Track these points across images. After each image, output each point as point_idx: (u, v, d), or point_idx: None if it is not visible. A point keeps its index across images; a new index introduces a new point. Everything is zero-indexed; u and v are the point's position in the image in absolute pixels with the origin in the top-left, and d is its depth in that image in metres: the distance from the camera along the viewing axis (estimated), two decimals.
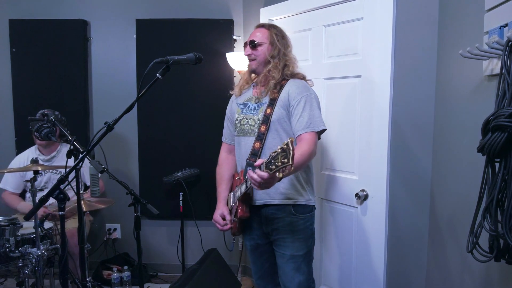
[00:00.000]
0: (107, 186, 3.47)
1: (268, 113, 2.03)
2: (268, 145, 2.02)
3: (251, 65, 2.14)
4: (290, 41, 2.19)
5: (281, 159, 1.52)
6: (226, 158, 2.35)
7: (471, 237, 1.49)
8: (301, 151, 1.86)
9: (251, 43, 2.10)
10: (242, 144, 2.13)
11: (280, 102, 2.03)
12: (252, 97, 2.16)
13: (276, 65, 2.07)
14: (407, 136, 2.39)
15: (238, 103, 2.21)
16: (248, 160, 2.05)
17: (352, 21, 2.45)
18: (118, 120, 1.72)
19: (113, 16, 3.61)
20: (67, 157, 1.92)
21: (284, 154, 1.51)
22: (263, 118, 2.04)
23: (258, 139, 2.03)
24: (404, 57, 2.33)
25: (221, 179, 2.29)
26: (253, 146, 2.04)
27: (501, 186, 1.34)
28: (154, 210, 2.15)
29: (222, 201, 2.22)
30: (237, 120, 2.17)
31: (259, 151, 2.02)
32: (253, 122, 2.09)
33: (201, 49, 2.19)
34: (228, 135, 2.34)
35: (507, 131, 1.27)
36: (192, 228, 3.58)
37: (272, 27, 2.16)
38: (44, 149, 3.17)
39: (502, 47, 1.39)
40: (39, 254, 2.37)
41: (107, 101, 3.64)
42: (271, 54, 2.08)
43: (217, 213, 2.18)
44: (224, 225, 2.14)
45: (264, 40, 2.10)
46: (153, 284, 3.52)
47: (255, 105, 2.12)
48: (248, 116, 2.12)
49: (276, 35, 2.11)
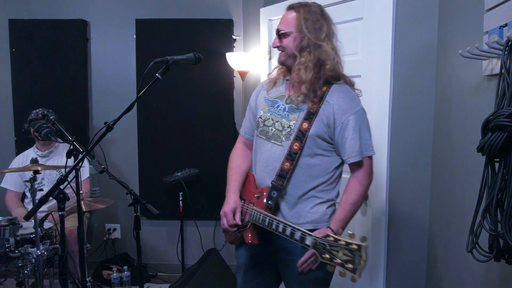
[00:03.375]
0: (107, 186, 3.46)
1: (304, 128, 1.64)
2: (299, 169, 1.67)
3: (279, 57, 1.74)
4: (329, 25, 1.68)
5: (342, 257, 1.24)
6: (244, 150, 1.94)
7: (470, 236, 1.49)
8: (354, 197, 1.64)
9: (277, 32, 1.71)
10: (263, 148, 1.77)
11: (321, 116, 1.64)
12: (284, 94, 1.76)
13: (305, 62, 1.63)
14: (407, 136, 2.39)
15: (267, 98, 1.81)
16: (274, 182, 1.67)
17: (352, 21, 2.45)
18: (118, 120, 1.72)
19: (113, 16, 3.60)
20: (67, 157, 1.91)
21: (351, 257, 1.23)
22: (297, 133, 1.65)
23: (289, 158, 1.65)
24: (404, 57, 2.33)
25: (237, 168, 1.87)
26: (282, 164, 1.67)
27: (501, 185, 1.34)
28: (153, 210, 2.14)
29: (236, 192, 1.79)
30: (261, 118, 1.79)
31: (288, 174, 1.66)
32: (280, 127, 1.71)
33: (200, 49, 2.18)
34: (249, 129, 1.92)
35: (507, 131, 1.27)
36: (191, 228, 3.58)
37: (304, 6, 1.67)
38: (42, 146, 3.18)
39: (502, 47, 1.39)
40: (38, 254, 2.36)
41: (107, 101, 3.64)
42: (299, 46, 1.64)
43: (229, 205, 1.74)
44: (232, 225, 1.73)
45: (290, 28, 1.66)
46: (153, 284, 3.52)
47: (286, 107, 1.73)
48: (276, 118, 1.73)
49: (306, 19, 1.63)
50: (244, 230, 1.75)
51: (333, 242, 1.28)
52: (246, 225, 1.74)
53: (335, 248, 1.26)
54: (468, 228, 1.51)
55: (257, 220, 1.67)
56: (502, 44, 1.39)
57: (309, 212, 1.69)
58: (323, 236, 1.34)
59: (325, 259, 1.28)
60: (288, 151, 1.66)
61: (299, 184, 1.68)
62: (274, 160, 1.71)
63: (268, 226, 1.62)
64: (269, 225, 1.62)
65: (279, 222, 1.58)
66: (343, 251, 1.25)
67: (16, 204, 3.18)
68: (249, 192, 1.80)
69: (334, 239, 1.29)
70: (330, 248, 1.27)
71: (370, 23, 2.33)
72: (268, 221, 1.62)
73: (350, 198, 1.64)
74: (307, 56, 1.63)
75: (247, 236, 1.73)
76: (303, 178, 1.68)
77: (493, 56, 1.59)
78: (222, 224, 1.76)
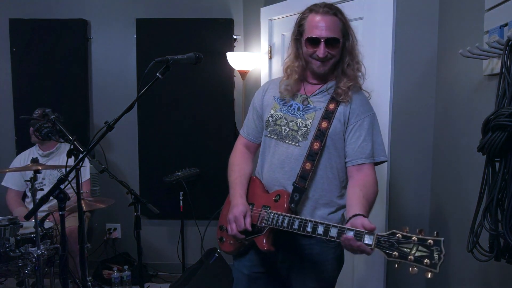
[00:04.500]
0: (108, 186, 3.46)
1: (324, 127, 1.60)
2: (320, 169, 1.62)
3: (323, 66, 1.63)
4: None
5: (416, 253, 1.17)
6: (245, 153, 1.87)
7: (471, 236, 1.49)
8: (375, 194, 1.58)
9: (332, 41, 1.59)
10: (277, 150, 1.69)
11: (339, 115, 1.62)
12: (298, 95, 1.71)
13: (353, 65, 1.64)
14: (407, 136, 2.39)
15: (278, 98, 1.74)
16: (296, 183, 1.60)
17: (352, 20, 2.39)
18: (118, 120, 1.71)
19: (113, 15, 3.61)
20: (67, 157, 1.91)
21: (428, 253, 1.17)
22: (316, 132, 1.61)
23: (310, 159, 1.59)
24: (405, 56, 2.33)
25: (241, 171, 1.79)
26: (302, 165, 1.60)
27: (501, 185, 1.34)
28: (154, 210, 2.14)
29: (243, 196, 1.70)
30: (272, 117, 1.72)
31: (310, 175, 1.60)
32: (296, 127, 1.65)
33: (201, 48, 2.18)
34: (253, 131, 1.84)
35: (507, 130, 1.27)
36: (192, 227, 3.58)
37: (338, 10, 1.64)
38: (42, 145, 3.19)
39: (502, 46, 1.39)
40: (39, 253, 2.36)
41: (107, 101, 3.64)
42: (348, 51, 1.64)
43: (238, 209, 1.63)
44: (242, 230, 1.60)
45: (337, 34, 1.60)
46: (153, 283, 3.52)
47: (300, 106, 1.68)
48: (290, 118, 1.67)
49: (347, 26, 1.64)
50: (256, 236, 1.62)
51: (402, 239, 1.21)
52: (262, 230, 1.61)
53: (406, 245, 1.19)
54: (469, 228, 1.51)
55: (280, 223, 1.53)
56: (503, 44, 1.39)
57: (326, 218, 1.62)
58: (389, 233, 1.26)
59: (394, 257, 1.19)
60: (308, 151, 1.61)
61: (319, 186, 1.63)
62: (291, 160, 1.64)
63: (299, 228, 1.47)
64: (300, 228, 1.47)
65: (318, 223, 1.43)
66: (416, 247, 1.18)
67: (17, 203, 3.19)
68: (258, 196, 1.71)
69: (403, 235, 1.22)
70: (399, 245, 1.20)
71: (371, 22, 2.33)
72: (283, 220, 1.52)
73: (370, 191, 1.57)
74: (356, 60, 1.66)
75: (262, 243, 1.59)
76: (322, 180, 1.63)
77: (494, 56, 1.59)
78: (231, 230, 1.62)
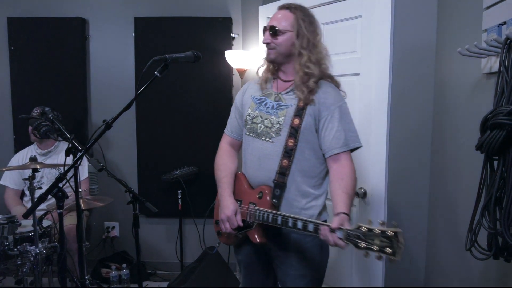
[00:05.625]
0: (106, 184, 3.46)
1: (296, 124, 1.71)
2: (296, 164, 1.72)
3: (269, 54, 1.78)
4: (319, 27, 1.80)
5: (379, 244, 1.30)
6: (230, 151, 1.98)
7: (469, 235, 1.49)
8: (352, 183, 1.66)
9: (271, 29, 1.73)
10: (253, 146, 1.82)
11: (310, 110, 1.71)
12: (271, 92, 1.82)
13: (310, 59, 1.71)
14: (405, 134, 2.39)
15: (254, 96, 1.87)
16: (276, 180, 1.73)
17: (350, 19, 2.45)
18: (117, 118, 1.71)
19: (112, 14, 3.59)
20: (66, 155, 1.91)
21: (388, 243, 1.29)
22: (290, 130, 1.72)
23: (286, 156, 1.71)
24: (403, 55, 2.33)
25: (227, 171, 1.90)
26: (280, 162, 1.72)
27: (500, 183, 1.34)
28: (152, 208, 2.14)
29: (231, 195, 1.83)
30: (249, 116, 1.84)
31: (288, 170, 1.72)
32: (270, 124, 1.77)
33: (199, 47, 2.17)
34: (236, 129, 1.96)
35: (506, 129, 1.27)
36: (190, 226, 3.58)
37: (298, 9, 1.76)
38: (41, 144, 3.18)
39: (501, 45, 1.39)
40: (37, 252, 2.36)
41: (106, 99, 3.63)
42: (295, 44, 1.73)
43: (229, 209, 1.77)
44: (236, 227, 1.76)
45: (287, 27, 1.72)
46: (152, 282, 3.52)
47: (274, 104, 1.79)
48: (265, 115, 1.79)
49: (303, 21, 1.73)
50: (248, 231, 1.77)
51: (368, 232, 1.35)
52: (252, 226, 1.75)
53: (371, 236, 1.33)
54: (467, 226, 1.51)
55: (266, 219, 1.69)
56: (501, 42, 1.39)
57: (303, 208, 1.75)
58: (355, 227, 1.39)
59: (362, 248, 1.35)
60: (284, 148, 1.72)
61: (296, 179, 1.74)
62: (266, 157, 1.76)
63: (282, 224, 1.63)
64: (283, 223, 1.62)
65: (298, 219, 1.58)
66: (379, 238, 1.32)
67: (15, 202, 3.18)
68: (244, 193, 1.83)
69: (368, 229, 1.35)
70: (365, 237, 1.34)
71: (369, 21, 2.33)
72: (281, 220, 1.63)
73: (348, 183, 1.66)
74: (308, 55, 1.72)
75: (255, 237, 1.75)
76: (299, 174, 1.74)
77: (492, 54, 1.59)
78: (226, 229, 1.78)
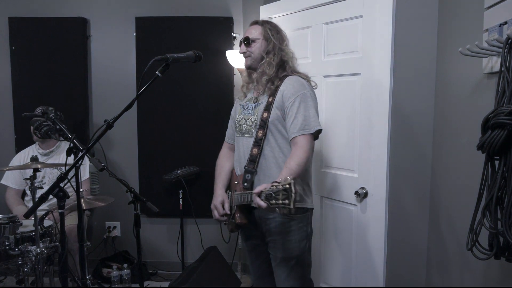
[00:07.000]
0: (107, 184, 3.46)
1: (265, 117, 1.98)
2: (266, 151, 1.99)
3: (246, 62, 2.11)
4: (286, 36, 2.14)
5: (282, 197, 1.51)
6: (228, 153, 2.28)
7: (471, 234, 1.49)
8: (298, 159, 1.85)
9: (245, 40, 2.07)
10: (240, 144, 2.11)
11: (276, 103, 1.98)
12: (252, 97, 2.12)
13: (270, 61, 2.02)
14: (407, 134, 2.39)
15: (241, 104, 2.18)
16: (246, 166, 2.02)
17: (351, 18, 2.45)
18: (118, 118, 1.72)
19: (113, 14, 3.60)
20: (67, 155, 1.91)
21: (286, 194, 1.50)
22: (260, 122, 1.99)
23: (256, 145, 1.99)
24: (404, 55, 2.33)
25: (221, 169, 2.23)
26: (251, 151, 2.01)
27: (501, 183, 1.34)
28: (154, 208, 2.14)
29: (222, 188, 2.15)
30: (237, 121, 2.14)
31: (257, 158, 1.99)
32: (250, 122, 2.05)
33: (200, 47, 2.17)
34: (231, 135, 2.27)
35: (507, 129, 1.27)
36: (191, 225, 3.58)
37: (266, 23, 2.12)
38: (42, 144, 3.18)
39: (502, 45, 1.39)
40: (38, 252, 2.36)
41: (107, 99, 3.64)
42: (265, 49, 2.04)
43: (217, 199, 2.10)
44: (222, 214, 2.07)
45: (258, 36, 2.06)
46: (153, 282, 3.52)
47: (252, 105, 2.08)
48: (246, 116, 2.08)
49: (270, 30, 2.06)
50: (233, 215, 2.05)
51: (275, 189, 1.55)
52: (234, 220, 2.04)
53: (277, 193, 1.54)
54: (468, 226, 1.51)
55: (238, 200, 2.00)
56: (502, 42, 1.39)
57: None
58: (268, 188, 1.60)
59: (274, 205, 1.55)
60: (254, 138, 2.00)
61: (267, 165, 1.99)
62: (245, 149, 2.05)
63: (243, 200, 1.95)
64: (244, 199, 1.94)
65: (247, 193, 1.92)
66: (282, 192, 1.53)
67: (17, 201, 3.18)
68: (233, 184, 2.14)
69: (272, 185, 1.57)
70: (274, 195, 1.55)
71: (370, 21, 2.33)
72: (241, 197, 1.96)
73: (295, 161, 1.85)
74: (271, 57, 2.03)
75: (236, 218, 2.03)
76: (270, 160, 1.99)
77: (493, 54, 1.59)
78: (214, 216, 2.11)
